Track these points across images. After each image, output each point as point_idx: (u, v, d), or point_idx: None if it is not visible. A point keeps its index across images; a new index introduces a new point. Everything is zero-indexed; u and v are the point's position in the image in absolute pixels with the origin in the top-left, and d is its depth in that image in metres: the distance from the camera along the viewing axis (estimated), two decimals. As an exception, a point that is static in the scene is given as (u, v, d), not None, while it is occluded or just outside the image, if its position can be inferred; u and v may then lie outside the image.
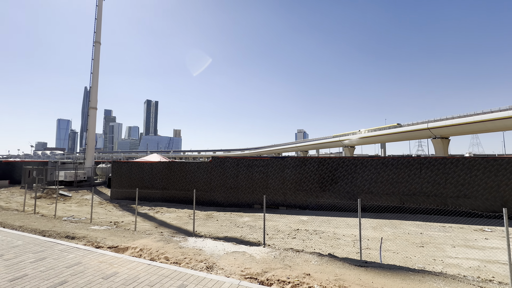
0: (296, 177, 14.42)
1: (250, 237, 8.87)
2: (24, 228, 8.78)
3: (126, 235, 7.96)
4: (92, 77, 30.28)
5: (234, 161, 15.68)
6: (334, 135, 77.64)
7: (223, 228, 10.05)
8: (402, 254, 7.10)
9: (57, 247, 6.26)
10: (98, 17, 31.73)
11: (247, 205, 14.99)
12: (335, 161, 13.92)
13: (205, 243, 7.25)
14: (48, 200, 18.18)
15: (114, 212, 13.88)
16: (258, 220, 11.42)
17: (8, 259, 5.46)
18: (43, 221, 10.11)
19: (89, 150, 29.84)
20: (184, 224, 10.88)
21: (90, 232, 8.39)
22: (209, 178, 16.05)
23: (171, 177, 17.08)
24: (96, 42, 31.00)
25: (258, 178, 15.05)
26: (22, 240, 7.02)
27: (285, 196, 14.45)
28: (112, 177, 18.95)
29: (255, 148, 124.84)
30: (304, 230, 9.69)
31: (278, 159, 14.98)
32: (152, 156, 23.84)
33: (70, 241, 7.27)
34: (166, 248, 6.44)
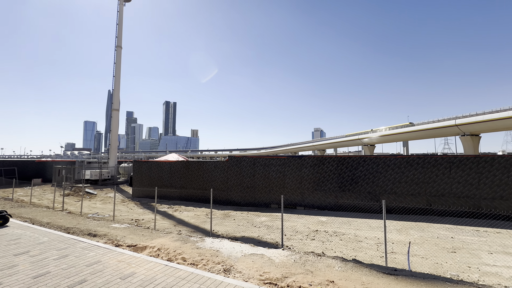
0: (314, 176, 14.05)
1: (267, 237, 8.71)
2: (51, 225, 9.21)
3: (145, 234, 8.08)
4: (114, 80, 31.61)
5: (251, 160, 15.59)
6: (352, 133, 75.33)
7: (240, 228, 9.99)
8: (432, 260, 6.60)
9: (79, 245, 6.47)
10: (119, 22, 33.05)
11: (264, 205, 14.85)
12: (355, 160, 13.38)
13: (222, 244, 7.15)
14: (76, 197, 19.20)
15: (136, 210, 14.33)
16: (275, 220, 11.24)
17: (33, 256, 5.76)
18: (69, 218, 10.58)
19: (112, 150, 31.20)
20: (202, 223, 10.95)
21: (111, 230, 8.63)
22: (225, 177, 16.10)
23: (188, 176, 17.36)
24: (118, 47, 32.31)
25: (275, 177, 14.85)
26: (47, 237, 7.35)
27: (303, 196, 14.12)
28: (133, 176, 19.63)
29: (271, 148, 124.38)
30: (323, 231, 9.37)
31: (295, 158, 14.69)
32: (171, 156, 24.43)
33: (92, 238, 7.48)
34: (183, 248, 6.40)
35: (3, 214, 8.74)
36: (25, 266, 5.11)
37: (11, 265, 5.17)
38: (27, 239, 7.02)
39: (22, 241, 6.87)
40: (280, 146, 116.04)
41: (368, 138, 65.57)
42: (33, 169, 31.49)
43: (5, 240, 6.95)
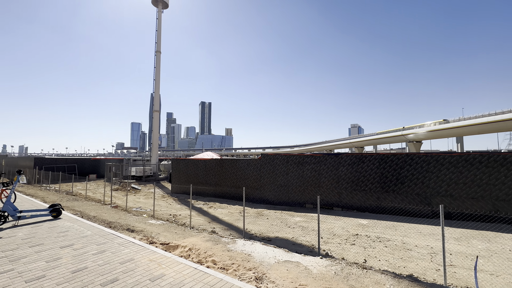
0: (352, 175, 13.06)
1: (302, 239, 8.27)
2: (96, 219, 9.97)
3: (178, 232, 8.24)
4: (155, 83, 33.84)
5: (284, 158, 15.18)
6: (395, 129, 69.15)
7: (273, 228, 9.71)
8: (506, 277, 5.48)
9: (116, 240, 6.79)
10: (158, 29, 35.20)
11: (298, 204, 14.34)
12: (400, 158, 12.05)
13: (254, 247, 6.87)
14: (123, 192, 21.01)
15: (174, 206, 15.04)
16: (310, 221, 10.70)
17: (76, 249, 6.15)
18: (112, 213, 11.41)
19: (153, 149, 33.54)
20: (235, 221, 10.95)
21: (147, 226, 9.01)
22: (258, 175, 15.96)
23: (222, 173, 17.65)
24: (157, 52, 34.48)
25: (309, 176, 14.21)
26: (91, 231, 7.81)
27: (340, 196, 13.25)
28: (172, 173, 20.72)
29: (304, 145, 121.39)
30: (364, 235, 8.57)
31: (331, 156, 13.85)
32: (206, 154, 25.25)
33: (129, 234, 7.84)
34: (214, 249, 6.30)
35: (58, 207, 9.66)
36: (67, 260, 5.48)
37: (56, 257, 5.60)
38: (74, 232, 7.61)
39: (69, 233, 7.48)
40: (314, 144, 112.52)
41: (413, 133, 59.58)
42: (90, 165, 35.45)
43: (56, 232, 7.69)
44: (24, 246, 6.27)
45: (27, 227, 8.10)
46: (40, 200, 13.79)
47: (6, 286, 4.36)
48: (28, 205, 11.98)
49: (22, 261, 5.38)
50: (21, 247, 6.20)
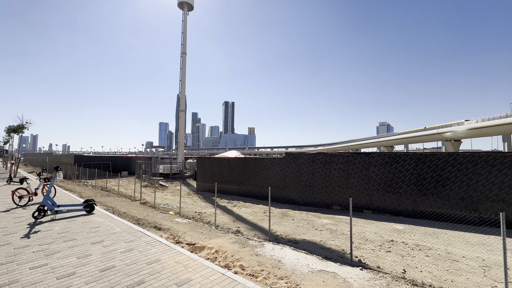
0: (385, 176, 12.16)
1: (331, 243, 7.80)
2: (126, 215, 10.13)
3: (204, 232, 8.15)
4: (181, 84, 34.88)
5: (310, 157, 14.64)
6: (430, 127, 64.09)
7: (299, 229, 9.33)
8: None
9: (144, 239, 6.83)
10: (184, 30, 36.21)
11: (325, 205, 13.73)
12: (441, 158, 10.93)
13: (284, 252, 6.43)
14: (151, 188, 21.92)
15: (199, 203, 15.28)
16: (339, 224, 10.12)
17: (106, 246, 6.23)
18: (141, 210, 11.72)
19: (179, 147, 34.65)
20: (260, 221, 10.74)
21: (174, 224, 9.06)
22: (283, 175, 15.60)
23: (246, 172, 17.56)
24: (183, 53, 35.48)
25: (337, 176, 13.53)
26: (120, 227, 7.90)
27: (371, 199, 12.42)
28: (197, 171, 21.14)
29: (329, 144, 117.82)
30: (401, 242, 7.85)
31: (361, 156, 13.03)
32: (230, 152, 25.42)
33: (156, 232, 7.86)
34: (241, 253, 6.05)
35: (91, 203, 10.09)
36: (97, 257, 5.54)
37: (87, 254, 5.73)
38: (104, 228, 7.80)
39: (100, 229, 7.67)
40: (338, 143, 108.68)
41: (451, 132, 54.69)
42: (122, 163, 37.70)
43: (88, 227, 7.92)
44: (59, 241, 6.53)
45: (63, 221, 8.51)
46: (77, 195, 14.71)
47: (38, 282, 4.47)
48: (66, 200, 12.80)
49: (56, 256, 5.57)
50: (56, 242, 6.46)
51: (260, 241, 7.19)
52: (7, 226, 7.80)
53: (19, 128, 21.35)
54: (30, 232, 7.26)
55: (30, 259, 5.38)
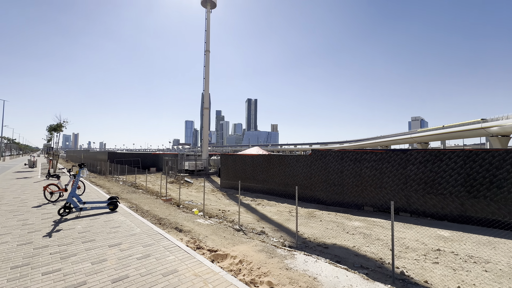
0: (425, 176, 10.90)
1: (366, 250, 7.04)
2: (148, 214, 10.03)
3: (227, 236, 7.71)
4: (204, 82, 35.27)
5: (338, 154, 13.71)
6: (471, 121, 57.98)
7: (329, 232, 8.64)
8: None
9: (163, 243, 6.40)
10: (207, 29, 36.46)
11: (355, 206, 12.78)
12: (497, 156, 9.45)
13: (319, 267, 5.54)
14: (177, 184, 22.41)
15: (223, 200, 15.16)
16: (372, 228, 9.24)
17: (122, 250, 5.89)
18: (164, 208, 11.62)
19: (204, 145, 35.17)
20: (285, 221, 10.22)
21: (195, 226, 8.72)
22: (309, 173, 14.86)
23: (270, 170, 17.09)
24: (207, 51, 35.78)
25: (368, 175, 12.49)
26: (140, 228, 7.60)
27: (408, 200, 11.24)
28: (221, 168, 21.14)
29: (356, 141, 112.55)
30: (449, 252, 6.83)
31: (397, 153, 11.85)
32: (253, 149, 25.11)
33: (177, 234, 7.49)
34: (269, 265, 5.37)
35: (114, 201, 9.91)
36: (111, 263, 5.22)
37: (102, 259, 5.41)
38: (124, 228, 7.57)
39: (120, 230, 7.43)
40: (366, 139, 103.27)
41: (498, 126, 48.85)
42: (150, 159, 39.34)
43: (109, 226, 7.73)
44: (78, 242, 6.39)
45: (86, 220, 8.49)
46: (105, 191, 15.30)
47: None
48: (94, 196, 13.25)
49: (71, 260, 5.33)
50: (75, 242, 6.32)
51: (289, 251, 6.47)
52: (34, 223, 7.95)
53: (58, 126, 23.08)
54: (53, 230, 7.28)
55: (45, 263, 5.20)
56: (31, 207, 10.19)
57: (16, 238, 6.50)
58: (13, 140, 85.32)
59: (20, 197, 12.19)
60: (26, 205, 10.53)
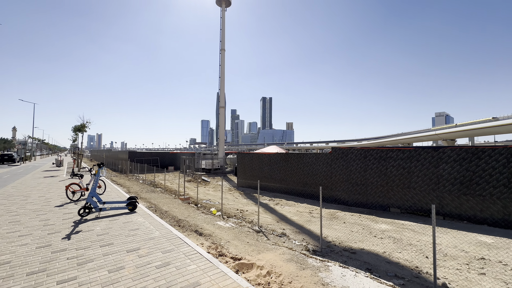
0: (460, 175, 9.98)
1: (398, 256, 6.45)
2: (167, 215, 9.80)
3: (250, 241, 7.20)
4: (220, 80, 35.31)
5: (361, 152, 12.99)
6: (506, 116, 53.65)
7: (354, 236, 8.10)
8: None
9: (183, 248, 5.95)
10: (222, 27, 36.43)
11: (379, 207, 12.04)
12: (548, 153, 8.38)
13: (360, 283, 4.81)
14: (194, 183, 22.56)
15: (240, 200, 14.94)
16: (402, 231, 8.56)
17: (141, 256, 5.51)
18: (183, 208, 11.43)
19: (220, 143, 35.30)
20: (306, 222, 9.77)
21: (216, 229, 8.28)
22: (329, 172, 14.24)
23: (288, 168, 16.64)
24: (222, 50, 35.78)
25: (395, 174, 11.69)
26: (159, 231, 7.26)
27: (441, 201, 10.36)
28: (238, 167, 20.98)
29: (374, 138, 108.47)
30: (496, 262, 6.07)
31: (427, 150, 10.97)
32: (270, 148, 24.73)
33: (197, 238, 7.11)
34: (301, 279, 4.74)
35: (134, 201, 9.74)
36: (129, 272, 4.87)
37: (119, 266, 5.06)
38: (143, 231, 7.26)
39: (139, 233, 7.12)
40: (386, 137, 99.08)
41: (537, 121, 44.79)
42: (169, 158, 40.17)
43: (127, 229, 7.46)
44: (96, 245, 6.14)
45: (105, 221, 8.32)
46: (125, 190, 15.49)
47: None
48: (114, 195, 13.37)
49: (88, 267, 5.05)
50: (93, 246, 6.07)
51: (322, 261, 5.74)
52: (55, 224, 7.93)
53: (81, 127, 24.09)
54: (72, 232, 7.15)
55: (62, 269, 4.95)
56: (54, 206, 10.36)
57: (36, 240, 6.43)
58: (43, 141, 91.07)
59: (45, 196, 12.58)
60: (49, 204, 10.73)
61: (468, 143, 76.39)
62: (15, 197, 12.05)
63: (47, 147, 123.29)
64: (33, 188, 14.78)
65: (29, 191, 13.83)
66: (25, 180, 18.54)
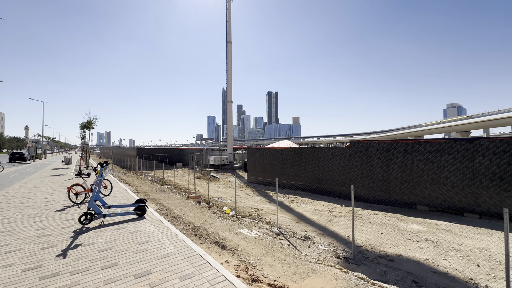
0: (501, 169, 8.98)
1: (444, 264, 5.62)
2: (180, 220, 8.55)
3: (288, 259, 5.69)
4: (227, 74, 34.44)
5: (383, 146, 12.05)
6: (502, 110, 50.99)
7: (386, 238, 7.28)
8: None
9: (205, 272, 4.66)
10: (228, 19, 35.36)
11: (404, 205, 11.15)
12: None
13: None
14: (204, 180, 22.03)
15: (253, 197, 14.26)
16: (438, 233, 7.69)
17: (153, 286, 4.17)
18: (196, 211, 10.07)
19: (228, 139, 34.63)
20: (328, 223, 9.00)
21: (240, 240, 6.92)
22: (346, 167, 13.37)
23: (301, 164, 15.83)
24: (228, 42, 34.79)
25: (422, 169, 10.75)
26: (174, 245, 5.94)
27: (477, 199, 9.40)
28: (248, 163, 20.27)
29: (383, 131, 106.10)
30: None
31: (461, 143, 9.96)
32: (282, 142, 23.90)
33: (220, 253, 5.84)
34: None
35: (143, 205, 8.51)
36: None
37: None
38: (154, 245, 5.94)
39: (150, 247, 5.83)
40: (395, 130, 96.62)
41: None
42: (177, 155, 39.84)
43: (136, 242, 6.18)
44: (96, 267, 4.85)
45: (110, 229, 7.11)
46: (133, 190, 14.49)
47: None
48: (121, 196, 12.18)
49: None
50: (92, 268, 4.79)
51: None
52: (52, 234, 6.71)
53: (88, 123, 23.75)
54: (70, 246, 5.87)
55: None
56: (55, 210, 9.26)
57: (25, 259, 5.18)
58: (53, 139, 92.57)
59: (48, 197, 11.62)
60: (50, 208, 9.62)
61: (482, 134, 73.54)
62: (15, 199, 11.16)
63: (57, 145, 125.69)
64: (37, 188, 14.06)
65: (31, 192, 12.96)
66: (31, 179, 18.18)
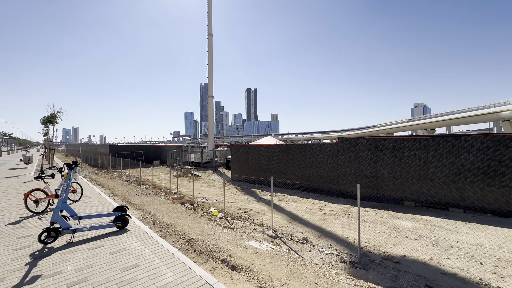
0: (485, 165, 9.27)
1: (449, 264, 5.47)
2: (172, 231, 6.84)
3: (321, 283, 4.41)
4: (208, 68, 33.08)
5: (371, 142, 12.04)
6: (480, 106, 56.10)
7: (384, 237, 7.08)
8: None
9: None
10: (209, 10, 33.88)
11: (392, 201, 11.25)
12: None
13: None
14: (185, 178, 20.86)
15: (239, 196, 13.61)
16: (431, 229, 7.68)
17: None
18: (189, 218, 8.31)
19: (209, 135, 33.42)
20: (323, 222, 8.66)
21: (252, 257, 5.43)
22: (335, 164, 13.24)
23: (288, 161, 15.48)
24: (209, 35, 33.39)
25: (410, 165, 10.87)
26: (171, 270, 4.43)
27: (462, 194, 9.66)
28: (232, 160, 19.52)
29: (357, 129, 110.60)
30: (559, 266, 5.25)
31: (447, 139, 10.18)
32: (267, 139, 23.41)
33: (233, 277, 4.45)
34: None
35: (123, 214, 6.80)
36: None
37: None
38: (146, 273, 4.33)
39: (140, 276, 4.22)
40: (368, 127, 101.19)
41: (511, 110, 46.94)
42: (153, 152, 37.72)
43: (119, 268, 4.49)
44: None
45: (83, 250, 5.27)
46: (109, 193, 12.20)
47: None
48: (95, 201, 9.92)
49: None
50: None
51: None
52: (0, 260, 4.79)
53: (52, 118, 21.24)
54: (25, 280, 4.07)
55: None
56: (6, 224, 6.97)
57: None
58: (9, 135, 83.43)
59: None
60: (0, 220, 7.31)
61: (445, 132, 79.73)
62: (-51, 209, 8.36)
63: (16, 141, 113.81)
64: (-15, 193, 11.68)
65: (-25, 199, 10.03)
66: (-19, 181, 15.65)
